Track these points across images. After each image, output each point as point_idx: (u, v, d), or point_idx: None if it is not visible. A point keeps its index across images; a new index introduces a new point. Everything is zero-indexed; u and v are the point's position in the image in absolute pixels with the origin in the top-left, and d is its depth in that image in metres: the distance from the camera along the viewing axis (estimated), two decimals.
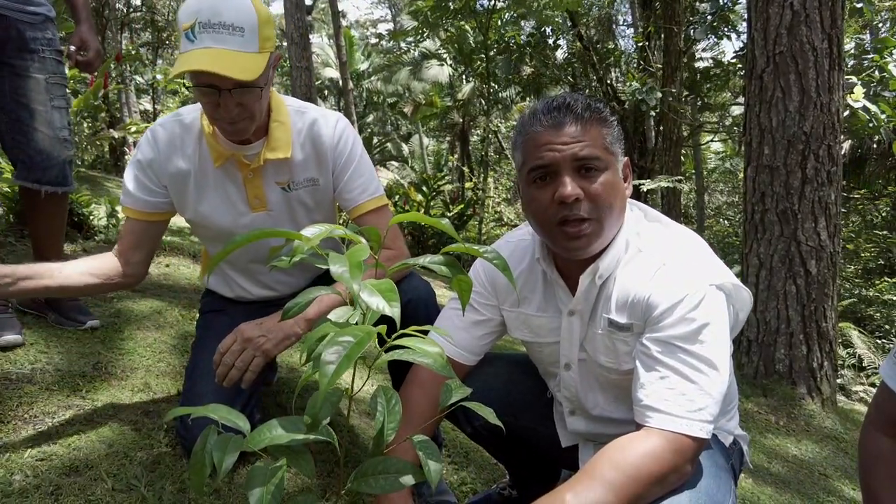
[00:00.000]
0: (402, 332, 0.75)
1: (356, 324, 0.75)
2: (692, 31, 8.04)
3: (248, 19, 1.20)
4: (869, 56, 5.26)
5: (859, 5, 5.93)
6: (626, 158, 1.13)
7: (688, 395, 0.98)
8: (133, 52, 8.16)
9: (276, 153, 1.37)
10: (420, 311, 1.37)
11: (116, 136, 5.72)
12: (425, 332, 0.80)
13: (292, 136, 1.40)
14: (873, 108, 4.74)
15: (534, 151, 1.07)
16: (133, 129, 5.57)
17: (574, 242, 1.06)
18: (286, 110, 1.41)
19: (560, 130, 1.05)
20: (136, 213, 1.42)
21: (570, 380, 1.23)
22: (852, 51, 5.52)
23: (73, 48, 1.81)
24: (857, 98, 4.72)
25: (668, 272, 1.04)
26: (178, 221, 1.78)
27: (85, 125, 4.48)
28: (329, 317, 0.76)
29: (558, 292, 1.18)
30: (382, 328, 0.70)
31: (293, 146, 1.40)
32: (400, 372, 1.43)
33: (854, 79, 4.98)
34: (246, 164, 1.38)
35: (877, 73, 5.19)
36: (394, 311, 0.66)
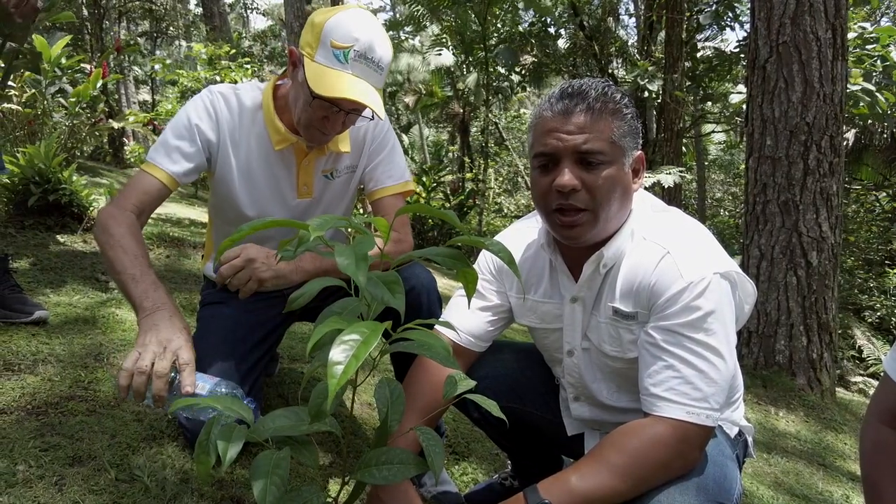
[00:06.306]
0: (406, 325, 0.74)
1: (361, 317, 0.74)
2: (696, 18, 7.99)
3: (388, 60, 1.30)
4: (871, 45, 5.22)
5: None
6: (639, 153, 1.10)
7: (694, 384, 0.99)
8: (132, 43, 8.11)
9: (338, 146, 1.45)
10: (422, 299, 1.37)
11: (115, 127, 5.70)
12: (430, 326, 0.80)
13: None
14: (878, 95, 4.71)
15: (540, 138, 1.08)
16: (132, 119, 5.55)
17: (567, 231, 1.07)
18: None
19: (568, 119, 1.04)
20: (168, 178, 1.34)
21: (573, 366, 1.23)
22: (856, 40, 5.49)
23: None
24: (856, 80, 4.69)
25: (673, 260, 1.04)
26: (178, 212, 1.77)
27: (84, 116, 4.46)
28: (334, 308, 0.76)
29: (562, 279, 1.19)
30: (388, 324, 0.70)
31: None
32: (402, 364, 1.44)
33: (855, 70, 4.95)
34: (304, 152, 1.43)
35: (879, 62, 5.15)
36: (398, 303, 0.66)
